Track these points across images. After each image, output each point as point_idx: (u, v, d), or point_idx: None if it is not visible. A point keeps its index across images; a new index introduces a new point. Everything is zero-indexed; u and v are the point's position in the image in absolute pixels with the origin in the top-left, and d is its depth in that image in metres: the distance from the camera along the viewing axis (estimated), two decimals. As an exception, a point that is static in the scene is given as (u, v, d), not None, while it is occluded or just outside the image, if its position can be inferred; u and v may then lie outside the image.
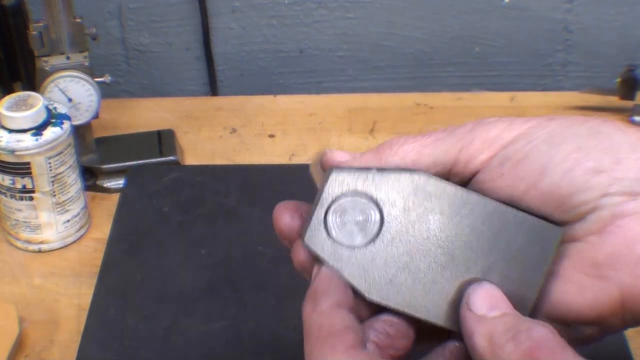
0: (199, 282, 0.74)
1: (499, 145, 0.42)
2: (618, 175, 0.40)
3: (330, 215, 0.43)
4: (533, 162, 0.41)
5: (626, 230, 0.39)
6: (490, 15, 1.06)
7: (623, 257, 0.39)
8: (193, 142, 0.97)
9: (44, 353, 0.72)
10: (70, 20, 0.84)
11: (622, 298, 0.40)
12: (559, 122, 0.42)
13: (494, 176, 0.42)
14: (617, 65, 1.01)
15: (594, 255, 0.40)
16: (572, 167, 0.40)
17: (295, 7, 1.05)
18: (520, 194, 0.41)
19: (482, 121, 0.43)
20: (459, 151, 0.43)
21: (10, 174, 0.77)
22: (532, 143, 0.41)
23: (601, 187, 0.40)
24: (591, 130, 0.41)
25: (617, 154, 0.40)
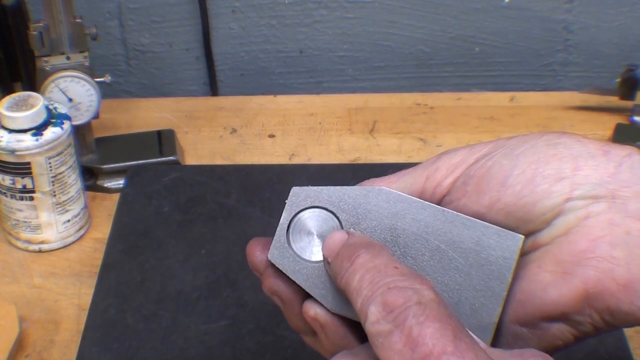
0: (199, 282, 0.74)
1: (462, 168, 0.44)
2: (579, 181, 0.41)
3: (292, 231, 0.45)
4: (494, 176, 0.42)
5: (590, 229, 0.41)
6: (490, 15, 1.06)
7: (588, 253, 0.41)
8: (193, 142, 0.97)
9: (44, 353, 0.72)
10: (70, 20, 0.84)
11: (587, 293, 0.41)
12: (518, 138, 0.43)
13: (460, 195, 0.43)
14: (617, 65, 1.01)
15: (559, 254, 0.41)
16: (533, 176, 0.42)
17: (295, 7, 1.05)
18: (485, 209, 0.43)
19: (446, 151, 0.45)
20: (425, 180, 0.44)
21: (10, 174, 0.78)
22: (493, 159, 0.43)
23: (563, 193, 0.41)
24: (549, 142, 0.43)
25: (576, 161, 0.42)
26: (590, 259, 0.41)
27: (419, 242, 0.43)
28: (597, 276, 0.40)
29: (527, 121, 0.99)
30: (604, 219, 0.41)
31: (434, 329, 0.35)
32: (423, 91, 1.08)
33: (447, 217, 0.43)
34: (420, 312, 0.36)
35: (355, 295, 0.39)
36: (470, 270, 0.43)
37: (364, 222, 0.44)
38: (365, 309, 0.38)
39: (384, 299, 0.37)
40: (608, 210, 0.41)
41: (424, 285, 0.38)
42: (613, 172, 0.41)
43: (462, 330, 0.36)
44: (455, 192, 0.44)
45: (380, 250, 0.41)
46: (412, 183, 0.45)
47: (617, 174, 0.41)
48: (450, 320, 0.36)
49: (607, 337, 0.69)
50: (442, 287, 0.43)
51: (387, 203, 0.43)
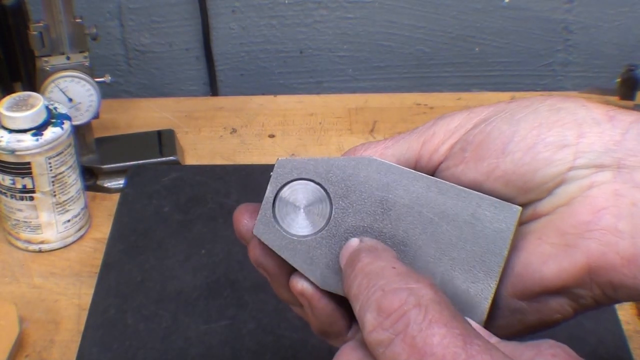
0: (199, 282, 0.74)
1: (460, 133, 0.42)
2: (583, 149, 0.39)
3: (279, 205, 0.43)
4: (494, 143, 0.40)
5: (594, 199, 0.39)
6: (490, 15, 1.06)
7: (591, 225, 0.38)
8: (193, 142, 0.97)
9: (44, 353, 0.72)
10: (70, 20, 0.84)
11: (589, 267, 0.39)
12: (519, 101, 0.41)
13: (457, 162, 0.41)
14: (617, 65, 1.01)
15: (561, 225, 0.39)
16: (534, 143, 0.39)
17: (295, 7, 1.05)
18: (483, 176, 0.40)
19: (443, 116, 0.43)
20: (422, 146, 0.42)
21: (10, 174, 0.78)
22: (492, 124, 0.41)
23: (566, 161, 0.39)
24: (552, 107, 0.40)
25: (580, 128, 0.39)
26: (594, 232, 0.38)
27: (411, 215, 0.41)
28: (601, 249, 0.38)
29: (527, 121, 0.99)
30: (609, 189, 0.39)
31: (441, 335, 0.33)
32: (423, 91, 1.08)
33: (441, 188, 0.41)
34: (421, 316, 0.34)
35: (355, 303, 0.37)
36: (465, 244, 0.41)
37: (353, 194, 0.41)
38: (362, 317, 0.35)
39: (379, 304, 0.35)
40: (613, 179, 0.39)
41: (421, 284, 0.35)
42: (619, 140, 0.39)
43: (471, 331, 0.34)
44: (453, 159, 0.41)
45: (382, 253, 0.39)
46: (407, 148, 0.43)
47: (623, 141, 0.39)
48: (456, 322, 0.34)
49: (607, 337, 0.69)
50: (435, 261, 0.40)
51: (377, 174, 0.41)
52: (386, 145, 0.43)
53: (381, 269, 0.37)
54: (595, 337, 0.68)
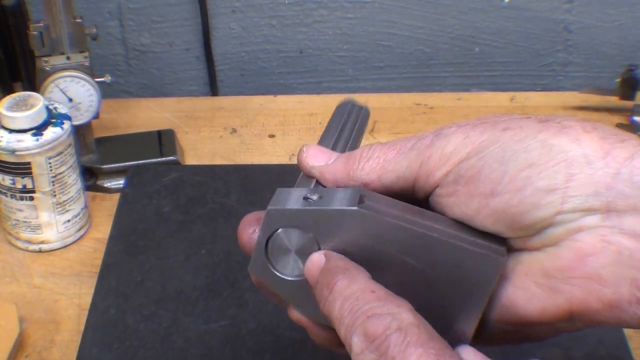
0: (199, 282, 0.74)
1: (454, 161, 0.42)
2: (572, 193, 0.39)
3: (271, 246, 0.44)
4: (484, 181, 0.40)
5: (581, 244, 0.39)
6: (490, 15, 1.06)
7: (575, 271, 0.39)
8: (193, 142, 0.97)
9: (44, 353, 0.72)
10: (70, 20, 0.84)
11: (571, 310, 0.40)
12: (513, 133, 0.41)
13: (450, 192, 0.42)
14: (617, 65, 1.01)
15: (547, 266, 0.40)
16: (523, 186, 0.39)
17: (295, 7, 1.05)
18: (473, 212, 0.41)
19: (441, 133, 0.43)
20: (419, 167, 0.43)
21: (10, 174, 0.78)
22: (483, 160, 0.40)
23: (554, 206, 0.39)
24: (544, 144, 0.40)
25: (569, 169, 0.39)
26: (577, 279, 0.39)
27: (397, 263, 0.42)
28: (583, 296, 0.39)
29: (527, 121, 0.99)
30: (596, 234, 0.39)
31: (417, 355, 0.36)
32: (423, 91, 1.08)
33: (427, 241, 0.41)
34: (401, 339, 0.36)
35: (338, 325, 0.39)
36: (447, 289, 0.42)
37: (341, 242, 0.42)
38: (348, 339, 0.38)
39: (365, 329, 0.37)
40: (601, 224, 0.39)
41: (402, 308, 0.38)
42: (609, 182, 0.38)
43: (446, 350, 0.36)
44: (446, 187, 0.42)
45: (357, 275, 0.40)
46: (407, 167, 0.43)
47: (614, 183, 0.38)
48: (432, 342, 0.36)
49: (607, 337, 0.69)
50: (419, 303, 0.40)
51: (365, 225, 0.42)
52: (387, 158, 0.44)
53: (361, 292, 0.39)
54: (595, 337, 0.68)
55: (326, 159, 0.46)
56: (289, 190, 0.45)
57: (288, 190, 0.45)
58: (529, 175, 0.39)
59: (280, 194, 0.45)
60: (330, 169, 0.46)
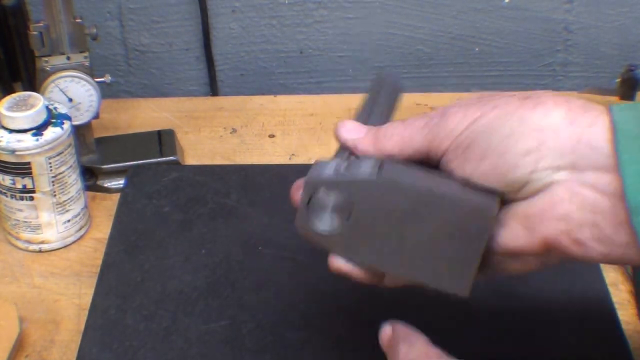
0: (199, 282, 0.74)
1: (455, 134, 0.52)
2: (543, 154, 0.48)
3: (311, 206, 0.54)
4: (475, 149, 0.50)
5: (553, 193, 0.49)
6: (490, 15, 1.06)
7: (549, 214, 0.49)
8: (193, 142, 0.97)
9: (44, 353, 0.72)
10: (70, 20, 0.84)
11: (546, 245, 0.49)
12: (498, 110, 0.50)
13: (452, 159, 0.52)
14: (617, 65, 1.01)
15: (528, 211, 0.50)
16: (505, 151, 0.49)
17: (295, 7, 1.05)
18: (470, 173, 0.51)
19: (445, 112, 0.53)
20: (430, 141, 0.53)
21: (10, 174, 0.78)
22: (475, 132, 0.51)
23: (530, 165, 0.49)
24: (521, 118, 0.49)
25: (540, 136, 0.49)
26: (551, 220, 0.49)
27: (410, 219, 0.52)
28: (555, 234, 0.49)
29: (527, 121, 0.99)
30: (565, 186, 0.48)
31: None
32: (423, 91, 1.08)
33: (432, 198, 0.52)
34: None
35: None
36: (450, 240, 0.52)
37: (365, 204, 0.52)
38: None
39: None
40: (568, 178, 0.48)
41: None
42: (573, 146, 0.48)
43: None
44: (450, 155, 0.52)
45: (416, 341, 0.54)
46: (421, 143, 0.53)
47: (577, 147, 0.48)
48: None
49: (607, 337, 0.69)
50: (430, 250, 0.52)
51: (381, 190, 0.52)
52: (405, 135, 0.54)
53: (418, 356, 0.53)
54: (595, 337, 0.68)
55: (358, 133, 0.56)
56: (326, 161, 0.54)
57: (325, 161, 0.55)
58: (509, 142, 0.49)
59: (319, 164, 0.54)
60: (361, 142, 0.56)
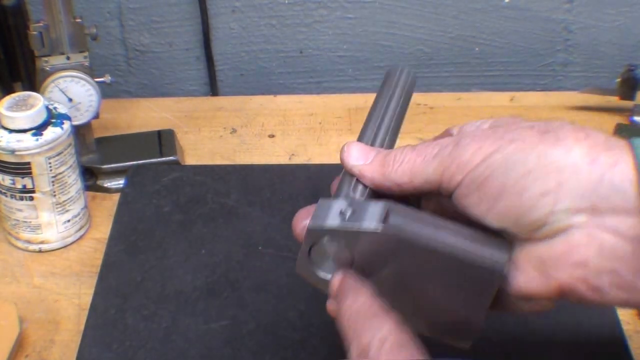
0: (199, 282, 0.74)
1: (468, 168, 0.49)
2: (562, 196, 0.46)
3: (313, 252, 0.52)
4: (490, 187, 0.48)
5: (571, 238, 0.46)
6: (490, 15, 1.06)
7: (566, 260, 0.46)
8: (193, 142, 0.97)
9: (44, 353, 0.72)
10: (70, 20, 0.84)
11: (561, 291, 0.47)
12: (516, 145, 0.48)
13: (465, 194, 0.49)
14: (617, 65, 1.01)
15: (544, 255, 0.47)
16: (522, 191, 0.47)
17: (295, 7, 1.05)
18: (483, 212, 0.49)
19: (459, 143, 0.50)
20: (442, 173, 0.50)
21: (10, 174, 0.78)
22: (490, 168, 0.48)
23: (547, 207, 0.46)
24: (540, 155, 0.47)
25: (560, 177, 0.46)
26: (567, 266, 0.46)
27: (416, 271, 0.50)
28: (572, 281, 0.47)
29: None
30: (583, 230, 0.46)
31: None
32: (423, 91, 1.08)
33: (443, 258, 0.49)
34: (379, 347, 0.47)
35: (343, 335, 0.49)
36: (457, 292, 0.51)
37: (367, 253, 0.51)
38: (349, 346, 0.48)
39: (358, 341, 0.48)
40: (587, 222, 0.46)
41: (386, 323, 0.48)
42: (594, 187, 0.45)
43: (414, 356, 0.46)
44: (463, 190, 0.49)
45: (360, 293, 0.50)
46: (432, 173, 0.50)
47: (598, 188, 0.45)
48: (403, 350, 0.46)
49: (607, 337, 0.69)
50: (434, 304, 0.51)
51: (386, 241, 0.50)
52: (415, 164, 0.52)
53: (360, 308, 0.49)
54: (595, 337, 0.68)
55: (364, 159, 0.54)
56: (330, 203, 0.51)
57: (329, 203, 0.51)
58: (526, 182, 0.47)
59: (321, 206, 0.51)
60: (368, 168, 0.53)
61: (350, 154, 0.54)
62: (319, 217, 0.51)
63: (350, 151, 0.54)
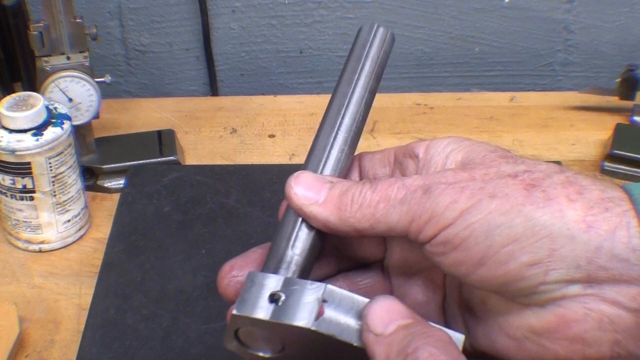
0: (199, 282, 0.74)
1: (442, 225, 0.42)
2: (554, 267, 0.41)
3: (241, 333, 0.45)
4: (470, 251, 0.42)
5: (564, 310, 0.41)
6: (490, 15, 1.06)
7: (560, 333, 0.42)
8: (193, 142, 0.97)
9: (44, 353, 0.72)
10: (70, 20, 0.84)
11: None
12: (499, 203, 0.42)
13: (439, 252, 0.43)
14: (617, 65, 1.01)
15: (534, 324, 0.42)
16: (507, 260, 0.41)
17: (295, 7, 1.05)
18: (462, 275, 0.43)
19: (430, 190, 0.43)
20: (410, 223, 0.43)
21: (10, 174, 0.78)
22: (469, 230, 0.42)
23: (537, 277, 0.41)
24: (527, 219, 0.41)
25: (552, 244, 0.41)
26: (562, 340, 0.42)
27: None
28: (568, 354, 0.42)
29: (527, 121, 0.99)
30: (578, 302, 0.41)
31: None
32: (423, 91, 1.08)
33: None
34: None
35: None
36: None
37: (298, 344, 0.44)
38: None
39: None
40: (583, 292, 0.41)
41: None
42: (591, 257, 0.40)
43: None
44: (436, 248, 0.43)
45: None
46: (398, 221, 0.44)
47: (595, 256, 0.40)
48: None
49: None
50: None
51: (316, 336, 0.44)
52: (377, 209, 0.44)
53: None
54: None
55: (315, 194, 0.45)
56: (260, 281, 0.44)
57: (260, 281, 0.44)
58: (513, 250, 0.41)
59: (251, 285, 0.44)
60: (321, 210, 0.45)
61: (297, 190, 0.45)
62: (246, 302, 0.44)
63: (298, 186, 0.45)
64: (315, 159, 0.48)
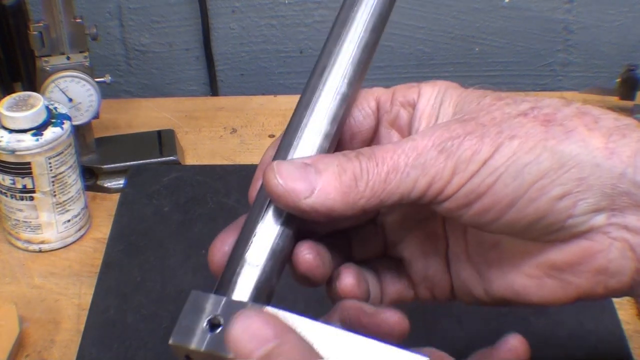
0: (199, 282, 0.74)
1: (465, 176, 0.41)
2: (582, 197, 0.41)
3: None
4: (498, 195, 0.41)
5: (590, 242, 0.42)
6: (490, 15, 1.06)
7: (585, 265, 0.42)
8: (193, 142, 0.97)
9: (44, 353, 0.72)
10: (70, 20, 0.84)
11: (578, 297, 0.43)
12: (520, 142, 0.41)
13: (460, 206, 0.42)
14: (617, 65, 1.01)
15: (558, 260, 0.43)
16: (538, 196, 0.41)
17: (295, 7, 1.05)
18: (486, 222, 0.42)
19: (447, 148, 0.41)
20: (429, 186, 0.42)
21: (10, 174, 0.78)
22: (496, 174, 0.41)
23: (566, 210, 0.41)
24: (553, 153, 0.41)
25: (580, 174, 0.41)
26: (586, 272, 0.42)
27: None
28: (591, 286, 0.43)
29: (527, 121, 0.99)
30: (603, 232, 0.41)
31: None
32: (423, 91, 1.08)
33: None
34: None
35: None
36: None
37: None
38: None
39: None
40: (607, 222, 0.41)
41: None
42: (615, 183, 0.41)
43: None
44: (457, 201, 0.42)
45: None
46: (413, 187, 0.42)
47: (619, 183, 0.41)
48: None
49: (607, 337, 0.69)
50: None
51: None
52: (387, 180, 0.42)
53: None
54: (595, 337, 0.68)
55: (309, 186, 0.41)
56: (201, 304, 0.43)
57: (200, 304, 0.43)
58: (543, 185, 0.41)
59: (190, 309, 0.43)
60: (323, 200, 0.41)
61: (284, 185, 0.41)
62: (184, 329, 0.43)
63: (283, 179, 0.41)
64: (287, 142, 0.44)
